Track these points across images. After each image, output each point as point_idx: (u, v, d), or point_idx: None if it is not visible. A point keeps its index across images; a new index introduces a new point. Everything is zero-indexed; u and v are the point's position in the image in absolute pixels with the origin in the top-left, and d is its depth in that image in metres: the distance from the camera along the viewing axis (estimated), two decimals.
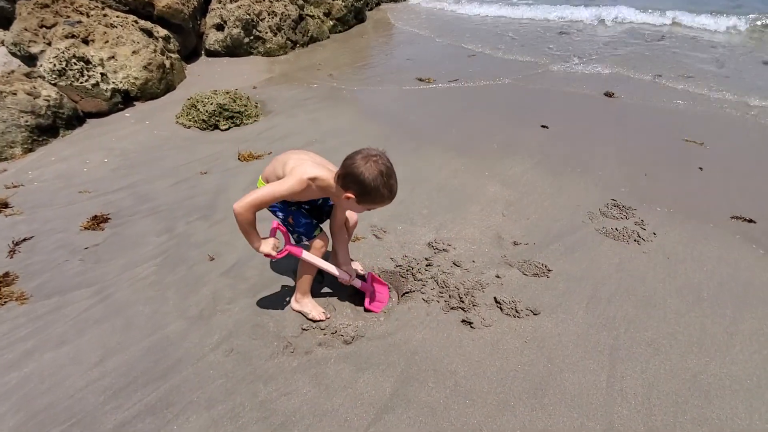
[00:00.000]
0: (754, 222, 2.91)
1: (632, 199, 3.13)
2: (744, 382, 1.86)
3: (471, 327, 2.11)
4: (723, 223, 2.92)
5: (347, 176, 1.75)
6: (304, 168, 1.85)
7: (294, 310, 2.23)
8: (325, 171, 1.87)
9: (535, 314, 2.18)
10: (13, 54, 4.30)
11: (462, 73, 5.94)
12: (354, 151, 1.79)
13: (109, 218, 2.97)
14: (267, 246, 1.94)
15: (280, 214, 2.08)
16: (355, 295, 2.33)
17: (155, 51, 5.03)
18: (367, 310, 2.24)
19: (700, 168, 3.57)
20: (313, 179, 1.84)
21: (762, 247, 2.69)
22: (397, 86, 5.48)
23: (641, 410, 1.74)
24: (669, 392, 1.80)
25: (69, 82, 4.35)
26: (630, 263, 2.53)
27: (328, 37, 7.56)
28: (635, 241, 2.70)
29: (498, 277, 2.42)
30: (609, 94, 5.19)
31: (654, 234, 2.76)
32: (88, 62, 4.48)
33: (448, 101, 5.03)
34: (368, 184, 1.71)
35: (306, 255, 2.05)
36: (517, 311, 2.18)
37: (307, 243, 2.11)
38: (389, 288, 2.33)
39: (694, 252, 2.62)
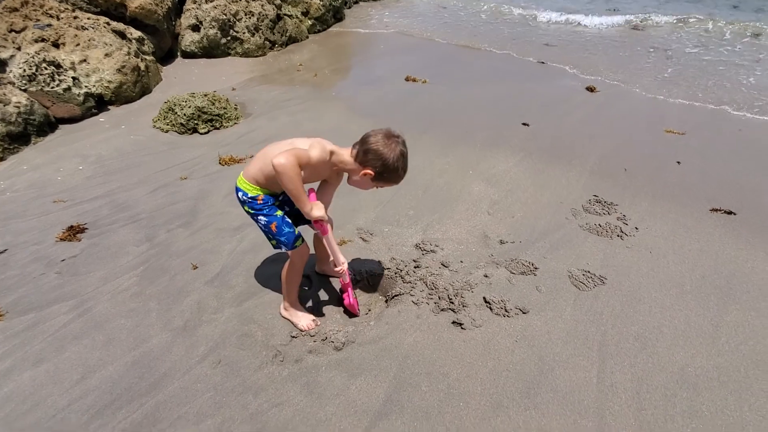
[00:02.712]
0: (734, 213, 2.98)
1: (614, 195, 3.18)
2: (732, 374, 1.89)
3: (462, 328, 2.11)
4: (703, 215, 2.99)
5: (369, 153, 1.78)
6: (320, 141, 1.86)
7: (283, 317, 2.19)
8: (338, 147, 1.89)
9: (524, 313, 2.19)
10: None
11: (440, 71, 5.95)
12: (373, 130, 1.83)
13: (86, 228, 2.87)
14: (320, 209, 1.84)
15: (263, 219, 1.92)
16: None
17: (129, 53, 4.88)
18: (347, 310, 2.26)
19: (677, 162, 3.65)
20: (332, 152, 1.86)
21: (742, 238, 2.75)
22: (378, 86, 5.45)
23: (632, 405, 1.76)
24: (658, 386, 1.83)
25: (39, 87, 4.18)
26: (614, 259, 2.56)
27: (307, 37, 7.46)
28: (618, 236, 2.73)
29: (486, 276, 2.42)
30: (591, 89, 5.26)
31: (636, 229, 2.81)
32: (58, 66, 4.32)
33: (429, 100, 5.02)
34: (391, 164, 1.78)
35: (330, 237, 1.98)
36: (506, 310, 2.19)
37: (288, 252, 2.01)
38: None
39: (675, 245, 2.67)
